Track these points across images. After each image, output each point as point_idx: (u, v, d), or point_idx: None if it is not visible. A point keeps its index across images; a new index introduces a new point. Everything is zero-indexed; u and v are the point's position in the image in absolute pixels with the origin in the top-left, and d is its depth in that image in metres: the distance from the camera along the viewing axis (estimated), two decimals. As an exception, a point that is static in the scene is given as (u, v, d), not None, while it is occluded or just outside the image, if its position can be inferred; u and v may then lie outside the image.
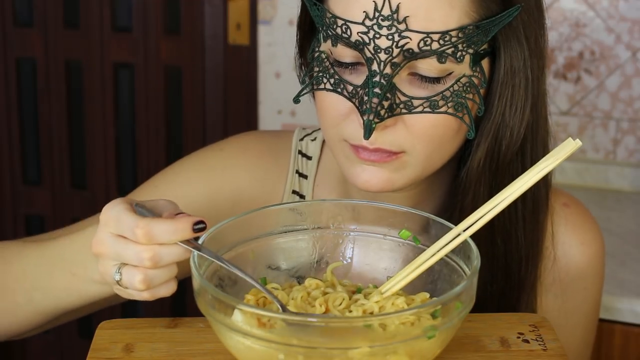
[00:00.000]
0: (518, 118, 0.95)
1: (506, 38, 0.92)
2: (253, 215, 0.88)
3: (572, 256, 1.08)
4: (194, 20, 2.37)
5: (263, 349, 0.72)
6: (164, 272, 0.80)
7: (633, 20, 2.07)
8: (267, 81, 2.30)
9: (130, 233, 0.79)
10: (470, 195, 0.98)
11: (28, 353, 2.67)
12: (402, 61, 0.88)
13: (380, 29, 0.88)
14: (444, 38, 0.88)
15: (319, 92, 0.95)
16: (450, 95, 0.90)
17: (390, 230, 0.88)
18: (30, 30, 2.48)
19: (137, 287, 0.81)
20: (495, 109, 0.94)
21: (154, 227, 0.78)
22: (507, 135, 0.95)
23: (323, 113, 0.95)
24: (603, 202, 2.05)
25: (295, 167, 1.10)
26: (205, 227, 0.80)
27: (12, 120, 2.55)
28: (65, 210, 2.56)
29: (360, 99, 0.90)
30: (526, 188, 0.81)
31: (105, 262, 0.83)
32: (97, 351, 0.82)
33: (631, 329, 1.62)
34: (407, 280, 0.82)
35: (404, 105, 0.90)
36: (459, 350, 0.82)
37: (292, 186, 1.09)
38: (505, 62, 0.93)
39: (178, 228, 0.79)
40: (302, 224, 0.90)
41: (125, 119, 2.50)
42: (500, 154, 0.96)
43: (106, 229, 0.81)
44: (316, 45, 0.95)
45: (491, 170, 0.97)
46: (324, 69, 0.93)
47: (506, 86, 0.94)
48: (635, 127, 2.12)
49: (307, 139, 1.11)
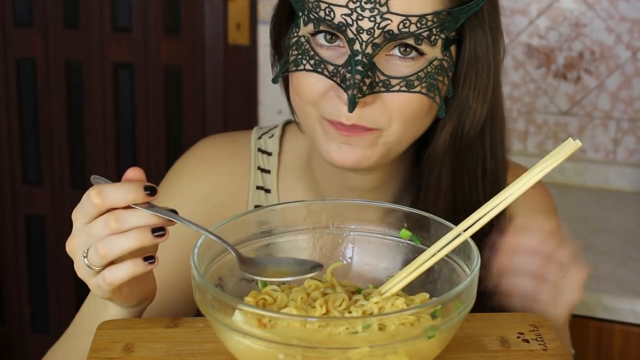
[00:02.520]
0: (480, 101, 1.03)
1: (472, 26, 1.00)
2: (252, 215, 0.88)
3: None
4: (194, 20, 2.37)
5: (263, 349, 0.72)
6: (121, 239, 0.81)
7: (633, 20, 2.07)
8: (267, 81, 2.30)
9: (86, 200, 0.82)
10: (435, 172, 1.05)
11: (28, 353, 2.68)
12: (383, 42, 0.95)
13: (363, 11, 0.95)
14: (421, 21, 0.95)
15: (296, 74, 1.00)
16: (424, 76, 0.97)
17: (390, 230, 0.88)
18: (30, 30, 2.48)
19: (98, 255, 0.82)
20: (460, 91, 1.02)
21: (105, 187, 0.82)
22: (471, 116, 1.03)
23: (301, 93, 1.01)
24: (603, 202, 2.05)
25: (256, 164, 1.16)
26: (155, 192, 0.82)
27: (12, 120, 2.55)
28: (65, 210, 2.56)
29: (342, 77, 0.96)
30: (526, 188, 0.81)
31: (78, 255, 0.84)
32: (97, 351, 0.82)
33: (631, 329, 1.62)
34: (407, 281, 0.82)
35: (382, 84, 0.96)
36: (459, 350, 0.82)
37: (255, 182, 1.16)
38: (470, 48, 1.01)
39: (129, 188, 0.82)
40: (302, 224, 0.90)
41: (125, 119, 2.50)
42: (464, 133, 1.04)
43: (75, 224, 0.85)
44: (295, 31, 1.01)
45: (455, 148, 1.05)
46: (304, 52, 0.99)
47: (470, 71, 1.02)
48: (635, 127, 2.12)
49: (264, 137, 1.18)
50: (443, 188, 1.06)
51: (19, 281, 2.65)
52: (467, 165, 1.07)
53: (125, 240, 0.81)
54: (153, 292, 0.92)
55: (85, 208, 0.83)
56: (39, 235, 2.62)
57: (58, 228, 2.58)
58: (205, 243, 0.82)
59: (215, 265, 0.84)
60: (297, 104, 1.03)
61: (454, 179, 1.06)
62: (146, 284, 0.90)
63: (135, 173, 0.84)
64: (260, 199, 1.15)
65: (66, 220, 2.67)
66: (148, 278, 0.90)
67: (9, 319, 2.68)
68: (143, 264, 0.83)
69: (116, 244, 0.81)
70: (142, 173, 0.85)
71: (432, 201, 1.05)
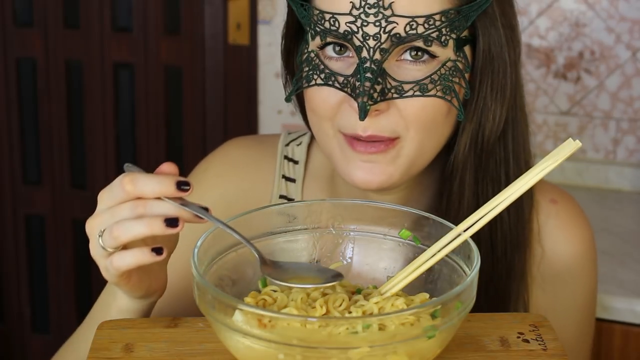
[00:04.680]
0: (499, 102, 1.00)
1: (484, 25, 0.97)
2: (253, 215, 0.88)
3: (561, 253, 1.10)
4: (194, 20, 2.37)
5: (263, 349, 0.72)
6: (135, 224, 0.80)
7: (633, 20, 2.07)
8: (267, 81, 2.30)
9: (117, 185, 0.81)
10: (457, 180, 1.02)
11: (28, 353, 2.68)
12: (391, 46, 0.93)
13: (367, 17, 0.93)
14: (429, 22, 0.93)
15: (309, 90, 0.98)
16: (438, 78, 0.94)
17: (390, 230, 0.88)
18: (30, 30, 2.48)
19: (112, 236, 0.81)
20: (477, 93, 0.99)
21: (138, 176, 0.81)
22: (490, 118, 1.00)
23: (315, 109, 0.98)
24: (603, 202, 2.05)
25: (281, 172, 1.13)
26: (189, 188, 0.81)
27: (12, 120, 2.55)
28: (65, 210, 2.56)
29: (352, 86, 0.94)
30: (526, 189, 0.81)
31: (94, 234, 0.84)
32: (97, 351, 0.82)
33: (631, 329, 1.62)
34: (407, 281, 0.82)
35: (395, 90, 0.94)
36: (459, 350, 0.82)
37: (279, 191, 1.13)
38: (484, 48, 0.98)
39: (162, 180, 0.80)
40: (303, 224, 0.90)
41: (125, 119, 2.50)
42: (484, 137, 1.01)
43: (100, 205, 0.84)
44: (305, 48, 0.99)
45: (476, 153, 1.02)
46: (314, 67, 0.97)
47: (486, 71, 0.98)
48: (635, 127, 2.12)
49: (292, 144, 1.15)
50: (466, 197, 1.03)
51: (19, 281, 2.65)
52: (490, 172, 1.03)
53: (138, 226, 0.80)
54: (163, 286, 0.92)
55: (114, 192, 0.82)
56: (39, 235, 2.62)
57: (58, 228, 2.59)
58: (206, 242, 0.82)
59: (215, 265, 0.84)
60: (314, 122, 1.01)
61: (477, 187, 1.03)
62: (157, 277, 0.90)
63: (169, 167, 0.83)
64: None
65: (66, 220, 2.68)
66: (159, 271, 0.90)
67: (9, 319, 2.68)
68: (150, 254, 0.82)
69: (129, 228, 0.81)
70: (176, 168, 0.84)
71: (454, 210, 1.03)
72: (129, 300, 0.91)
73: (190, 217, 0.81)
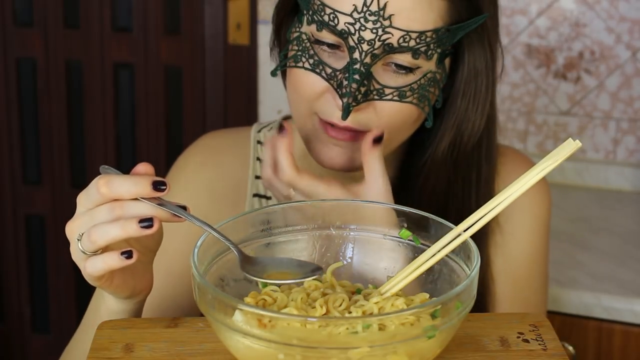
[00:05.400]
0: (479, 113, 1.07)
1: (471, 42, 1.04)
2: (253, 214, 0.88)
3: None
4: (194, 20, 2.37)
5: (263, 349, 0.72)
6: (109, 227, 0.80)
7: (633, 20, 2.07)
8: (267, 81, 2.31)
9: (93, 187, 0.82)
10: (432, 178, 1.10)
11: (28, 353, 2.68)
12: (381, 53, 0.99)
13: (366, 23, 0.97)
14: (421, 37, 0.99)
15: (295, 69, 1.03)
16: (417, 87, 1.01)
17: (390, 230, 0.88)
18: (30, 30, 2.48)
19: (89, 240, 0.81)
20: (459, 104, 1.06)
21: (113, 178, 0.81)
22: (469, 127, 1.07)
23: (298, 89, 1.04)
24: (603, 202, 2.05)
25: (255, 154, 1.20)
26: (166, 188, 0.81)
27: (12, 120, 2.55)
28: (65, 210, 2.56)
29: (339, 82, 0.99)
30: (525, 189, 0.81)
31: (73, 238, 0.84)
32: (97, 351, 0.82)
33: (631, 329, 1.62)
34: (407, 281, 0.82)
35: (376, 92, 1.00)
36: (459, 350, 0.82)
37: (254, 172, 1.19)
38: (469, 63, 1.05)
39: (137, 181, 0.81)
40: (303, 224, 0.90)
41: (125, 119, 2.50)
42: (462, 144, 1.09)
43: (79, 208, 0.85)
44: (297, 26, 1.04)
45: (453, 157, 1.09)
46: (304, 49, 1.02)
47: (469, 85, 1.06)
48: (635, 127, 2.12)
49: (264, 130, 1.23)
50: (437, 192, 1.10)
51: (19, 281, 2.65)
52: (463, 173, 1.11)
53: (113, 229, 0.80)
54: (149, 285, 0.92)
55: (90, 195, 0.83)
56: (39, 235, 2.62)
57: (58, 228, 2.58)
58: (206, 242, 0.81)
59: (215, 265, 0.84)
60: (293, 98, 1.06)
61: (449, 184, 1.11)
62: (141, 277, 0.90)
63: (145, 168, 0.84)
64: (259, 189, 1.18)
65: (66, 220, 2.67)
66: (144, 271, 0.90)
67: (9, 319, 2.68)
68: (119, 259, 0.81)
69: (106, 232, 0.81)
70: (152, 168, 0.84)
71: (425, 204, 1.08)
72: (116, 301, 0.91)
73: (168, 216, 0.81)
